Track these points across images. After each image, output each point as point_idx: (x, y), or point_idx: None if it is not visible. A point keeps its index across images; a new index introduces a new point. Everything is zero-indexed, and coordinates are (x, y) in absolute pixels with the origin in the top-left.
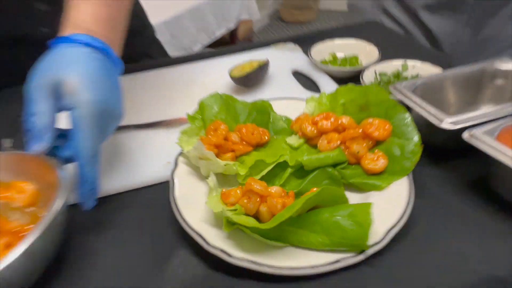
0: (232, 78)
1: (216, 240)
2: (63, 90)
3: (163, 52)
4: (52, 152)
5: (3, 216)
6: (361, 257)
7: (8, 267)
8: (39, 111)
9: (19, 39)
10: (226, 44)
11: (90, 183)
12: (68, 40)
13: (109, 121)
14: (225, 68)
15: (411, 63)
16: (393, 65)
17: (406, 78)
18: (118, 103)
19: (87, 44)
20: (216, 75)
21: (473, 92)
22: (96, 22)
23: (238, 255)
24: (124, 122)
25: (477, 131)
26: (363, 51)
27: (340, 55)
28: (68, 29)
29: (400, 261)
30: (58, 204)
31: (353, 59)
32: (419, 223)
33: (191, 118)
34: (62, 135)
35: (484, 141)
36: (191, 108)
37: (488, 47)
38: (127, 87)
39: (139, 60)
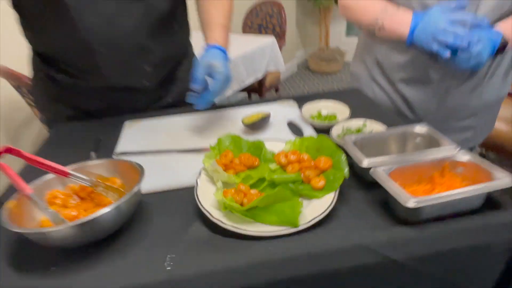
0: (243, 124)
1: (217, 215)
2: (212, 67)
3: None
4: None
5: (104, 195)
6: (293, 230)
7: (106, 214)
8: (200, 74)
9: (127, 87)
10: (255, 90)
11: (212, 95)
12: (215, 46)
13: (228, 82)
14: (240, 116)
15: (369, 122)
16: (358, 123)
17: (358, 131)
18: (230, 74)
19: (221, 49)
20: (234, 120)
21: (400, 144)
22: (223, 39)
23: (228, 224)
24: (171, 147)
25: (378, 169)
26: (340, 110)
27: (324, 112)
28: (213, 41)
29: (321, 236)
30: (133, 190)
31: (332, 116)
32: (337, 218)
33: (212, 148)
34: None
35: (380, 176)
36: (214, 141)
37: (452, 115)
38: (175, 124)
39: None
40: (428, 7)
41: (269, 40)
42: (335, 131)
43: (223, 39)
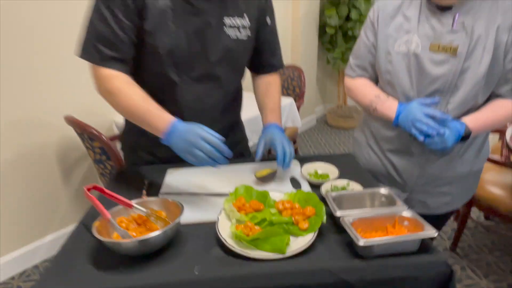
0: (256, 177)
1: (230, 242)
2: (274, 139)
3: None
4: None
5: (154, 223)
6: (281, 256)
7: (157, 235)
8: (261, 149)
9: None
10: None
11: (288, 156)
12: (274, 125)
13: (289, 146)
14: (255, 170)
15: (351, 183)
16: (343, 182)
17: (343, 188)
18: (288, 141)
19: (276, 126)
20: (249, 173)
21: (370, 202)
22: (276, 119)
23: (238, 248)
24: (201, 191)
25: (345, 218)
26: (332, 171)
27: (319, 171)
28: (271, 120)
29: (300, 261)
30: (176, 221)
31: (325, 175)
32: (314, 250)
33: (231, 194)
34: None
35: (345, 223)
36: (232, 189)
37: (431, 182)
38: (205, 173)
39: None
40: (410, 100)
41: (288, 101)
42: (325, 187)
43: (276, 119)
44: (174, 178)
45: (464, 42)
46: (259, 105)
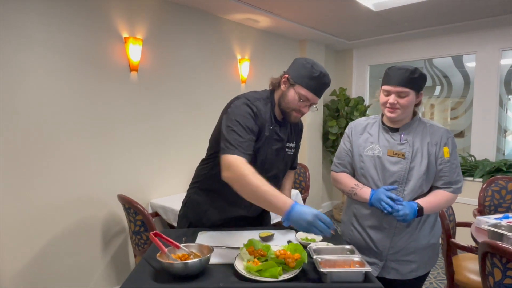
0: (259, 236)
1: (243, 272)
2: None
3: None
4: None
5: (190, 257)
6: (275, 280)
7: (194, 261)
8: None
9: (243, 216)
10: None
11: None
12: (296, 204)
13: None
14: (258, 232)
15: (330, 244)
16: (324, 244)
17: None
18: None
19: (295, 203)
20: (256, 234)
21: (338, 253)
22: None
23: (247, 274)
24: (222, 245)
25: (316, 258)
26: (318, 237)
27: (309, 237)
28: (291, 201)
29: (289, 284)
30: (208, 255)
31: (312, 239)
32: (297, 279)
33: (245, 244)
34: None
35: (316, 262)
36: (246, 241)
37: (399, 251)
38: (226, 234)
39: None
40: (378, 187)
41: (294, 192)
42: (310, 247)
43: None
44: (205, 236)
45: (408, 150)
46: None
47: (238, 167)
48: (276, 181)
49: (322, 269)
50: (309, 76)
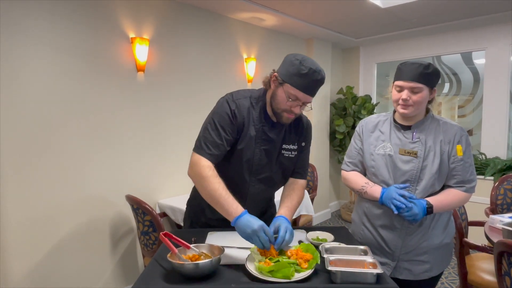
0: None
1: (255, 272)
2: (280, 225)
3: None
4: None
5: (200, 257)
6: (288, 281)
7: (205, 262)
8: (269, 234)
9: None
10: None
11: (283, 242)
12: (284, 217)
13: (290, 233)
14: None
15: (342, 244)
16: (335, 243)
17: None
18: (291, 228)
19: (283, 217)
20: None
21: (352, 253)
22: (287, 214)
23: (259, 276)
24: (232, 245)
25: (327, 258)
26: (329, 236)
27: (320, 236)
28: (283, 214)
29: (297, 285)
30: (218, 256)
31: (324, 239)
32: (310, 279)
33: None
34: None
35: (326, 261)
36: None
37: (412, 251)
38: (235, 234)
39: None
40: (389, 185)
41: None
42: (323, 246)
43: (287, 214)
44: (214, 237)
45: (421, 149)
46: (281, 198)
47: (200, 168)
48: (272, 184)
49: (329, 268)
50: (297, 74)
